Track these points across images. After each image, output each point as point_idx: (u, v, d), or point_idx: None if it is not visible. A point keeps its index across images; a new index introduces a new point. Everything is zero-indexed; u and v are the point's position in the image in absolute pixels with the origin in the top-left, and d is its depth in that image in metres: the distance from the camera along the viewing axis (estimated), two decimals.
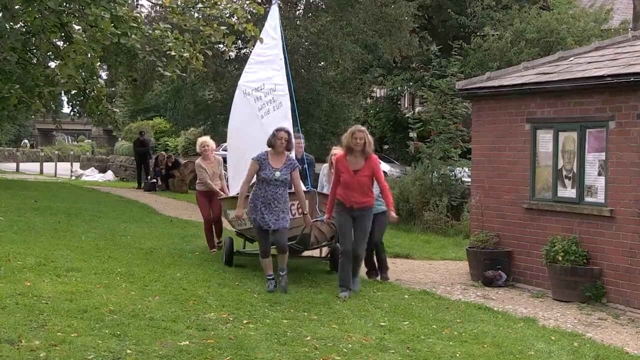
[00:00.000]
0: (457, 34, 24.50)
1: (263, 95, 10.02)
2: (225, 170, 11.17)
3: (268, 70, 10.18)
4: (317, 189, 9.92)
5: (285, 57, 10.16)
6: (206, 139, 11.16)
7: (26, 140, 61.70)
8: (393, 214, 8.26)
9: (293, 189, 8.53)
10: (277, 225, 8.14)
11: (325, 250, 10.02)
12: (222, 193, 10.62)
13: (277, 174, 8.14)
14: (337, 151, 9.41)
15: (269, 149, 8.33)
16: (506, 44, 20.90)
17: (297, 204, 8.59)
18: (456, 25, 24.61)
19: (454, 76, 15.80)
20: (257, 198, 8.19)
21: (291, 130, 9.10)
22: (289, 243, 8.41)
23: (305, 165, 9.94)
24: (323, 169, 10.20)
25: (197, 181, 11.14)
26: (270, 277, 8.24)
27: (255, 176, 8.35)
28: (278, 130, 8.37)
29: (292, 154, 8.81)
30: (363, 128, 8.24)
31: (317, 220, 8.68)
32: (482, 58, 21.37)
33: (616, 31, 20.81)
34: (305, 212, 8.42)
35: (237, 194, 9.40)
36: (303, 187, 8.86)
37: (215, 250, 10.62)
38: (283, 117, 9.68)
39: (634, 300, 8.23)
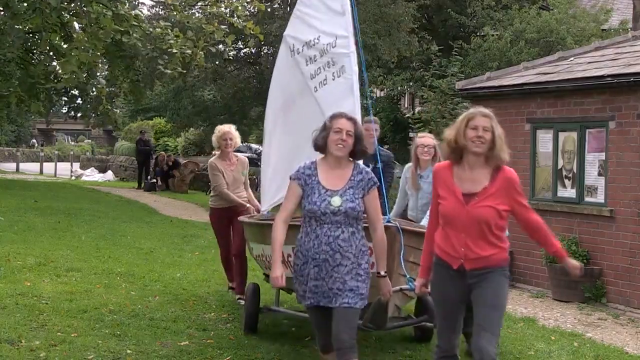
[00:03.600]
0: (457, 34, 24.48)
1: (318, 54, 6.17)
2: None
3: (325, 14, 6.22)
4: (394, 212, 6.42)
5: None
6: (230, 128, 7.64)
7: (34, 140, 61.89)
8: (573, 262, 4.35)
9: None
10: (340, 301, 4.38)
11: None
12: (248, 205, 7.40)
13: (336, 201, 4.40)
14: (424, 140, 6.59)
15: (318, 155, 4.60)
16: (506, 44, 20.89)
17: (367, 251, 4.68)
18: (456, 25, 24.59)
19: (454, 76, 15.83)
20: (302, 250, 4.49)
21: (358, 115, 5.57)
22: None
23: (379, 166, 6.15)
24: (405, 171, 6.85)
25: (211, 192, 7.74)
26: None
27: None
28: (334, 117, 4.54)
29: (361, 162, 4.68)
30: (489, 113, 4.39)
31: (401, 290, 5.13)
32: (482, 58, 21.35)
33: (616, 31, 20.81)
34: (382, 273, 4.58)
35: (265, 218, 6.35)
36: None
37: (234, 289, 7.60)
38: (346, 91, 5.98)
39: (634, 300, 8.23)
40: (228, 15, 9.96)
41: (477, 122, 4.27)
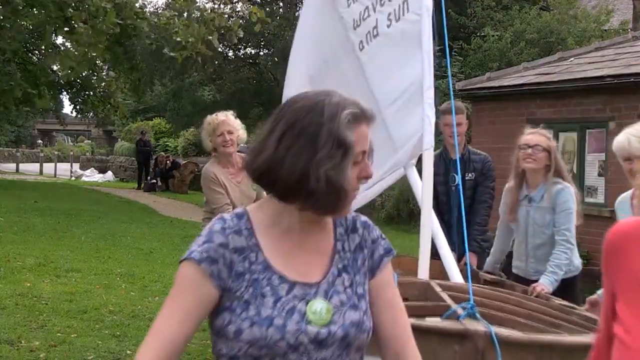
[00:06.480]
0: (457, 34, 24.50)
1: None
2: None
3: None
4: (490, 260, 4.36)
5: None
6: (227, 116, 5.03)
7: (40, 141, 62.17)
8: None
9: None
10: None
11: None
12: None
13: (320, 309, 1.60)
14: (530, 138, 4.25)
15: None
16: (506, 44, 20.92)
17: None
18: (456, 26, 24.61)
19: (454, 76, 15.82)
20: None
21: (429, 84, 3.71)
22: None
23: (470, 176, 4.60)
24: (504, 194, 4.54)
25: (204, 213, 5.21)
26: None
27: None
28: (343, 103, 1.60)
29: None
30: None
31: None
32: (482, 58, 21.39)
33: (616, 31, 20.82)
34: None
35: None
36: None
37: None
38: (410, 43, 3.85)
39: None
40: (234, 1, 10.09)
41: None
